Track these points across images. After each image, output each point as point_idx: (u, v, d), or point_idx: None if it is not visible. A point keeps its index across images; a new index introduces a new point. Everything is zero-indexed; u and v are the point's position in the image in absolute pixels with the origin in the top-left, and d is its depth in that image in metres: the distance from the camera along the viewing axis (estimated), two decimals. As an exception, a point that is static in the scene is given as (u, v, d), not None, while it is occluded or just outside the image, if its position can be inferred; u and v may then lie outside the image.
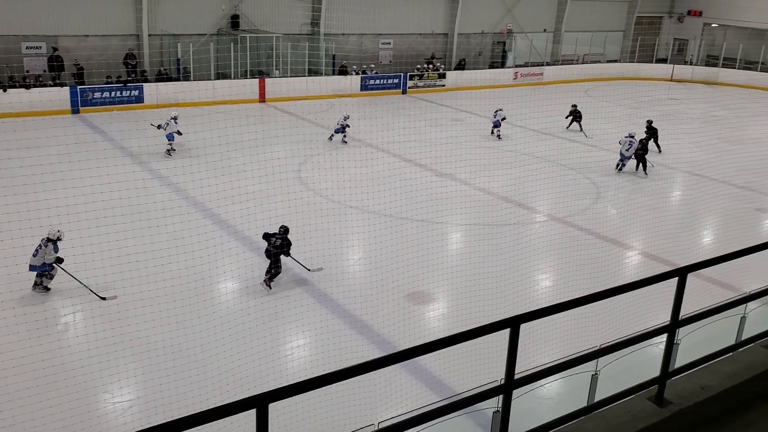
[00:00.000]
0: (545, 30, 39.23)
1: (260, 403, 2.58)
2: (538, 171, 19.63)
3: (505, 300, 10.67)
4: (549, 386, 5.40)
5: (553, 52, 39.34)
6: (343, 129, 22.00)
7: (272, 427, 2.63)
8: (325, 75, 30.61)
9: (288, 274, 12.09)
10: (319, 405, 6.64)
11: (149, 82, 26.19)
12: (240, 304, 11.01)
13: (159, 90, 25.68)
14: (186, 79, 26.88)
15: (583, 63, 39.20)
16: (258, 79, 28.28)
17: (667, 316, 4.07)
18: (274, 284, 11.64)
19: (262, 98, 28.12)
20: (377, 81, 31.55)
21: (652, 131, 22.31)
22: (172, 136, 19.43)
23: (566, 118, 25.56)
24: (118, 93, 25.16)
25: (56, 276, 11.20)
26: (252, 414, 2.60)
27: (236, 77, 27.98)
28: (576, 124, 25.32)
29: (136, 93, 25.48)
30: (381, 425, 3.15)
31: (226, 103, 26.04)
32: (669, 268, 4.00)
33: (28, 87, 23.59)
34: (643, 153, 20.20)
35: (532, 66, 37.32)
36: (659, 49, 41.39)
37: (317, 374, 2.76)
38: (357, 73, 31.38)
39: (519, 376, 3.36)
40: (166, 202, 15.01)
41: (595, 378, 5.08)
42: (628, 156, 20.05)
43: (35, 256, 11.01)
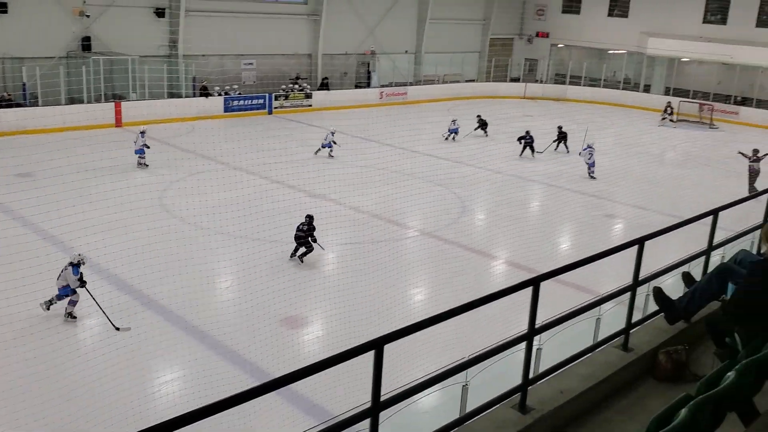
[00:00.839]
0: (407, 51, 40.39)
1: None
2: (407, 187, 20.01)
3: (381, 316, 10.71)
4: (424, 400, 5.42)
5: (416, 72, 40.55)
6: (330, 144, 23.38)
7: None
8: (186, 97, 29.70)
9: (152, 307, 11.48)
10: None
11: (-9, 108, 24.22)
12: (100, 342, 10.28)
13: (1, 117, 23.77)
14: (34, 104, 25.09)
15: (444, 83, 40.69)
16: (114, 103, 26.94)
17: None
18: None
19: (118, 123, 26.77)
20: (241, 102, 31.02)
21: (563, 135, 26.54)
22: (141, 151, 20.82)
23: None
24: (-46, 120, 23.05)
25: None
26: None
27: (90, 101, 26.46)
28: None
29: (-25, 120, 23.44)
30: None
31: (79, 129, 24.47)
32: (532, 275, 4.12)
33: None
34: (530, 142, 24.78)
35: (396, 86, 38.25)
36: (512, 69, 43.82)
37: (187, 410, 2.56)
38: (219, 95, 30.71)
39: (386, 397, 3.31)
40: (12, 237, 13.81)
41: (465, 389, 5.15)
42: (591, 163, 22.69)
43: (59, 279, 11.14)
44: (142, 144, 20.99)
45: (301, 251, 14.17)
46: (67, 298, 11.12)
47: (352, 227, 16.38)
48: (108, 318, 10.76)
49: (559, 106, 38.40)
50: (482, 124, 29.28)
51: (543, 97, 40.67)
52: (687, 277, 5.51)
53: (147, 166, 21.10)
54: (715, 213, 5.58)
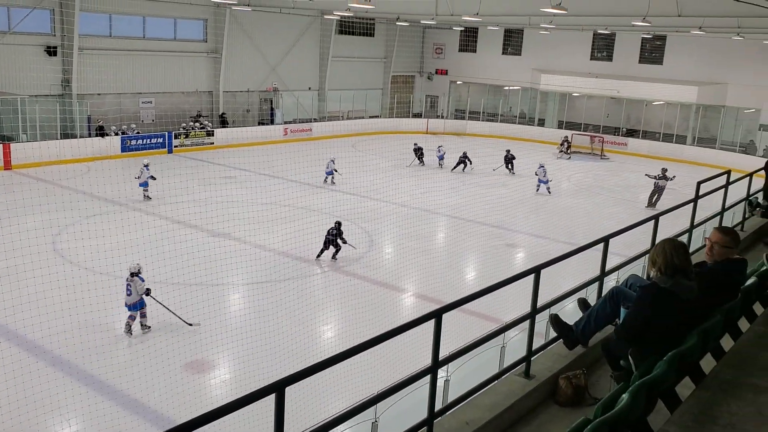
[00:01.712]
0: (310, 88, 40.63)
1: None
2: (313, 224, 19.93)
3: (291, 355, 10.52)
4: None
5: (320, 109, 40.80)
6: (332, 172, 24.86)
7: None
8: (81, 137, 28.54)
9: (44, 358, 10.77)
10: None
11: None
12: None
13: None
14: None
15: (348, 119, 41.13)
16: (1, 145, 25.50)
17: (445, 353, 4.19)
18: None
19: (7, 165, 25.34)
20: (139, 141, 30.10)
21: (511, 157, 29.96)
22: (146, 184, 21.55)
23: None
24: None
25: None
26: None
27: (-26, 143, 24.97)
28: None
29: None
30: None
31: (-38, 172, 23.04)
32: (438, 306, 4.14)
33: None
34: (465, 159, 28.87)
35: (300, 122, 38.30)
36: (414, 105, 44.96)
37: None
38: (117, 134, 29.68)
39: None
40: None
41: (375, 426, 5.10)
42: (545, 180, 25.78)
43: (129, 294, 11.38)
44: (147, 177, 21.70)
45: (332, 251, 16.53)
46: (141, 310, 11.75)
47: (258, 266, 16.08)
48: (179, 317, 11.80)
49: (461, 140, 39.55)
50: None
51: (445, 132, 41.81)
52: (582, 303, 5.73)
53: (150, 198, 21.78)
54: (606, 240, 5.84)
